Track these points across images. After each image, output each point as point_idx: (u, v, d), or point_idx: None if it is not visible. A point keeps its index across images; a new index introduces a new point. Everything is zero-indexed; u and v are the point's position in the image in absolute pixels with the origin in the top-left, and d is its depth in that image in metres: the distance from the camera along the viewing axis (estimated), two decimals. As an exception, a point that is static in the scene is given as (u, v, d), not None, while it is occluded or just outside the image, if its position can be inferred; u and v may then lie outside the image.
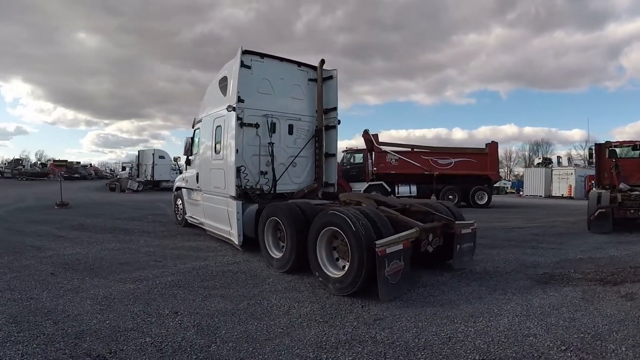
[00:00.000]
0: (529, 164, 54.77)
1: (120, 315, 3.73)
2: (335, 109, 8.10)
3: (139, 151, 33.57)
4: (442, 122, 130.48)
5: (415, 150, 19.34)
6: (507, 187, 42.96)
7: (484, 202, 18.77)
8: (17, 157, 60.25)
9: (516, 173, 61.51)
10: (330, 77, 8.08)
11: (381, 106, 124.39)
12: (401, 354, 3.02)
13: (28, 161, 52.72)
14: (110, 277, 5.10)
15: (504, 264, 6.06)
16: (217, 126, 7.38)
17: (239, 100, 6.71)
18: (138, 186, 28.04)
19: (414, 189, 18.58)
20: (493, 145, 19.32)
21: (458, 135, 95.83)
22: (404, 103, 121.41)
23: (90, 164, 64.95)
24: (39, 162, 52.46)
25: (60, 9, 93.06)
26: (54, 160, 52.84)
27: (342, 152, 20.40)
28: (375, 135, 18.58)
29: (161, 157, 31.22)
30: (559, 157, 38.65)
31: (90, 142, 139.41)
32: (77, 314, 3.71)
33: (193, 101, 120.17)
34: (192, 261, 6.12)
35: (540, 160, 42.39)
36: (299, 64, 7.89)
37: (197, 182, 8.44)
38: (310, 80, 7.99)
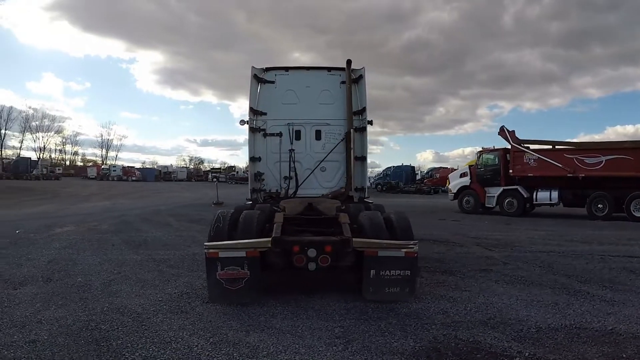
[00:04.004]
0: None
1: (97, 268, 6.73)
2: (365, 109, 8.46)
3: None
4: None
5: (556, 147, 16.99)
6: None
7: None
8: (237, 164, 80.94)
9: None
10: (361, 77, 8.51)
11: (604, 99, 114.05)
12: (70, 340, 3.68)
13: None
14: (139, 251, 8.34)
15: (453, 310, 4.69)
16: None
17: (261, 113, 8.38)
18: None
19: (555, 195, 16.18)
20: None
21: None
22: (630, 93, 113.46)
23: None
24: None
25: (274, 35, 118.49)
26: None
27: (477, 153, 19.57)
28: (512, 132, 17.24)
29: None
30: None
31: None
32: (80, 263, 7.03)
33: (409, 106, 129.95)
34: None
35: None
36: (329, 69, 8.71)
37: None
38: (342, 83, 8.56)
